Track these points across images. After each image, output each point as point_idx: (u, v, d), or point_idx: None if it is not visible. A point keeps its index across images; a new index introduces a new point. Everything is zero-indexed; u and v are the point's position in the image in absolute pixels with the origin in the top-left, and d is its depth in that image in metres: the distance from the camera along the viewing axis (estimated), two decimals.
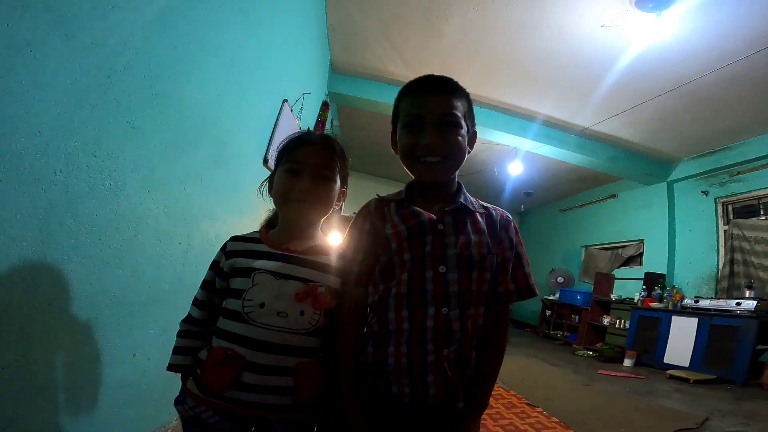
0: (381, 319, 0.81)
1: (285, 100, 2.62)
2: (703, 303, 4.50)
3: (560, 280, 7.65)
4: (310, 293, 0.82)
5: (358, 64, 4.38)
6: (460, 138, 0.82)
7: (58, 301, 0.98)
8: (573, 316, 6.92)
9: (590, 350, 5.71)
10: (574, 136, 5.25)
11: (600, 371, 4.30)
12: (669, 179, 5.75)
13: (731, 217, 5.08)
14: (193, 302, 0.91)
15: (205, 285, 0.90)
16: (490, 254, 0.82)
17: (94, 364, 1.15)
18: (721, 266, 4.93)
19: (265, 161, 2.44)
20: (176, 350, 0.89)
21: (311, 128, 3.66)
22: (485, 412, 2.64)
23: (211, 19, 1.45)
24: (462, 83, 0.87)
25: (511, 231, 0.87)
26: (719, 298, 4.49)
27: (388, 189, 1.00)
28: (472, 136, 0.91)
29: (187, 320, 0.90)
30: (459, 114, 0.82)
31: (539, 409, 2.72)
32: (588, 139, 5.31)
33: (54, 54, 0.81)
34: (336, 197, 0.93)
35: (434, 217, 0.81)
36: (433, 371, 0.76)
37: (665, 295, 5.15)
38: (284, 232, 0.91)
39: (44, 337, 0.95)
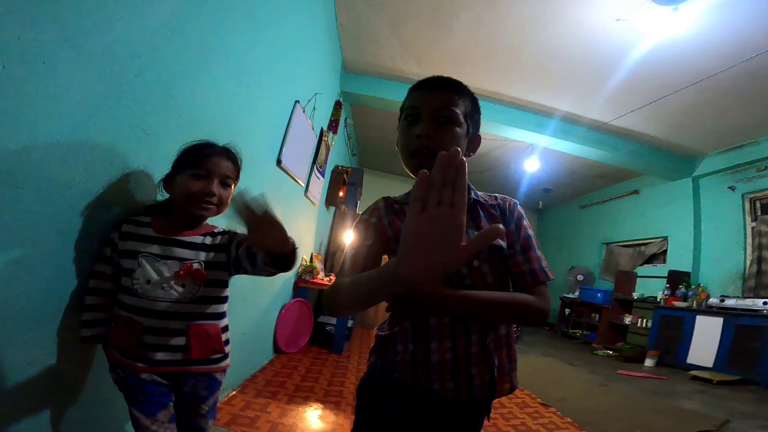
0: (418, 317, 0.80)
1: (297, 101, 2.66)
2: (729, 302, 4.35)
3: (580, 278, 7.51)
4: (186, 270, 1.01)
5: (369, 63, 4.39)
6: (455, 134, 0.80)
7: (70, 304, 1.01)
8: (593, 314, 6.80)
9: (610, 350, 5.59)
10: (593, 131, 5.13)
11: (619, 371, 4.22)
12: (694, 174, 5.56)
13: (759, 213, 4.88)
14: (94, 276, 1.01)
15: (106, 259, 1.02)
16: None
17: None
18: (748, 264, 4.74)
19: (279, 162, 2.49)
20: (87, 323, 1.00)
21: (326, 127, 3.70)
22: (496, 412, 2.59)
23: (219, 24, 1.49)
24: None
25: (516, 214, 0.86)
26: (746, 298, 4.34)
27: (402, 186, 1.02)
28: (474, 139, 0.88)
29: (93, 292, 1.01)
30: (458, 111, 0.81)
31: (553, 410, 2.69)
32: (608, 134, 5.18)
33: (66, 65, 0.85)
34: (230, 200, 1.09)
35: None
36: (475, 363, 0.78)
37: (690, 293, 5.00)
38: (176, 222, 1.06)
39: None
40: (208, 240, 1.08)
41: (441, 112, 0.80)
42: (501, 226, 0.49)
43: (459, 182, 0.49)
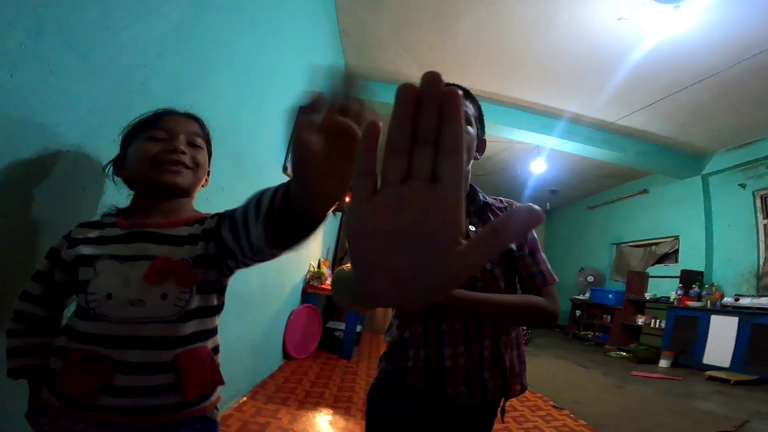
0: (430, 322, 0.81)
1: (301, 107, 2.67)
2: (744, 301, 4.28)
3: (590, 279, 7.43)
4: (163, 269, 0.67)
5: (372, 68, 4.41)
6: (468, 133, 0.82)
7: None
8: (605, 315, 6.71)
9: (623, 351, 5.51)
10: (599, 131, 5.10)
11: (633, 373, 4.15)
12: (703, 173, 5.49)
13: None
14: (21, 296, 0.73)
15: (39, 276, 0.74)
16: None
17: None
18: (762, 262, 4.66)
19: (285, 169, 2.51)
20: (13, 352, 0.72)
21: None
22: (508, 416, 2.56)
23: (223, 32, 1.51)
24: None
25: None
26: (761, 296, 4.25)
27: None
28: (481, 143, 0.90)
29: (17, 317, 0.73)
30: (468, 113, 0.83)
31: (566, 412, 2.65)
32: (615, 134, 5.15)
33: (73, 74, 0.87)
34: (207, 168, 0.84)
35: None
36: (488, 366, 0.79)
37: (703, 293, 4.92)
38: (145, 207, 0.77)
39: None
40: (196, 229, 0.73)
41: None
42: (539, 208, 0.23)
43: (450, 132, 0.22)
